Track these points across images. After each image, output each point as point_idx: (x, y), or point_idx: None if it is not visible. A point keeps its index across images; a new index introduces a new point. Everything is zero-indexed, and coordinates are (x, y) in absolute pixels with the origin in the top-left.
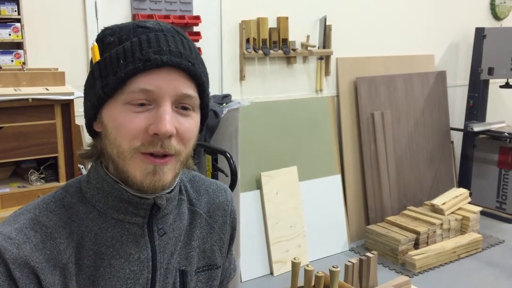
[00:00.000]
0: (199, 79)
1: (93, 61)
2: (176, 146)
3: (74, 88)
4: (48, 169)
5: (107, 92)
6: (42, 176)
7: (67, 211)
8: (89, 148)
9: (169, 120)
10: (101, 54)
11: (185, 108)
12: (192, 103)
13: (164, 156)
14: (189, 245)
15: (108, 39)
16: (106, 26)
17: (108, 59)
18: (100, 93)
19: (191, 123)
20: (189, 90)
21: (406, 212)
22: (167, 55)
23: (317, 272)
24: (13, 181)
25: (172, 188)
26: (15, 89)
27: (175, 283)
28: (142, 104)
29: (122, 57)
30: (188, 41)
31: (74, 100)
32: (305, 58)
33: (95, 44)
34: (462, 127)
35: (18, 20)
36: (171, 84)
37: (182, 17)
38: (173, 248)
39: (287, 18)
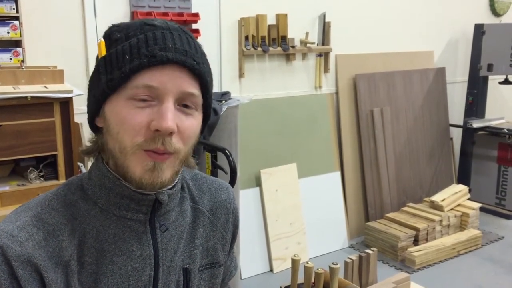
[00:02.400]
0: (203, 78)
1: (99, 56)
2: (176, 144)
3: (73, 86)
4: (48, 167)
5: (112, 87)
6: (42, 174)
7: (69, 209)
8: (90, 144)
9: (171, 117)
10: (107, 50)
11: (187, 107)
12: (195, 102)
13: (163, 153)
14: (193, 243)
15: (115, 35)
16: (113, 23)
17: (114, 54)
18: (105, 88)
19: (193, 121)
20: (193, 88)
21: (405, 208)
22: (172, 52)
23: (317, 269)
24: (12, 179)
25: (173, 184)
26: (13, 87)
27: (178, 281)
28: (145, 100)
29: (128, 53)
30: (194, 41)
31: (73, 98)
32: (304, 55)
33: (102, 40)
34: (461, 123)
35: (17, 18)
36: (175, 81)
37: (180, 14)
38: (176, 245)
39: (286, 15)
